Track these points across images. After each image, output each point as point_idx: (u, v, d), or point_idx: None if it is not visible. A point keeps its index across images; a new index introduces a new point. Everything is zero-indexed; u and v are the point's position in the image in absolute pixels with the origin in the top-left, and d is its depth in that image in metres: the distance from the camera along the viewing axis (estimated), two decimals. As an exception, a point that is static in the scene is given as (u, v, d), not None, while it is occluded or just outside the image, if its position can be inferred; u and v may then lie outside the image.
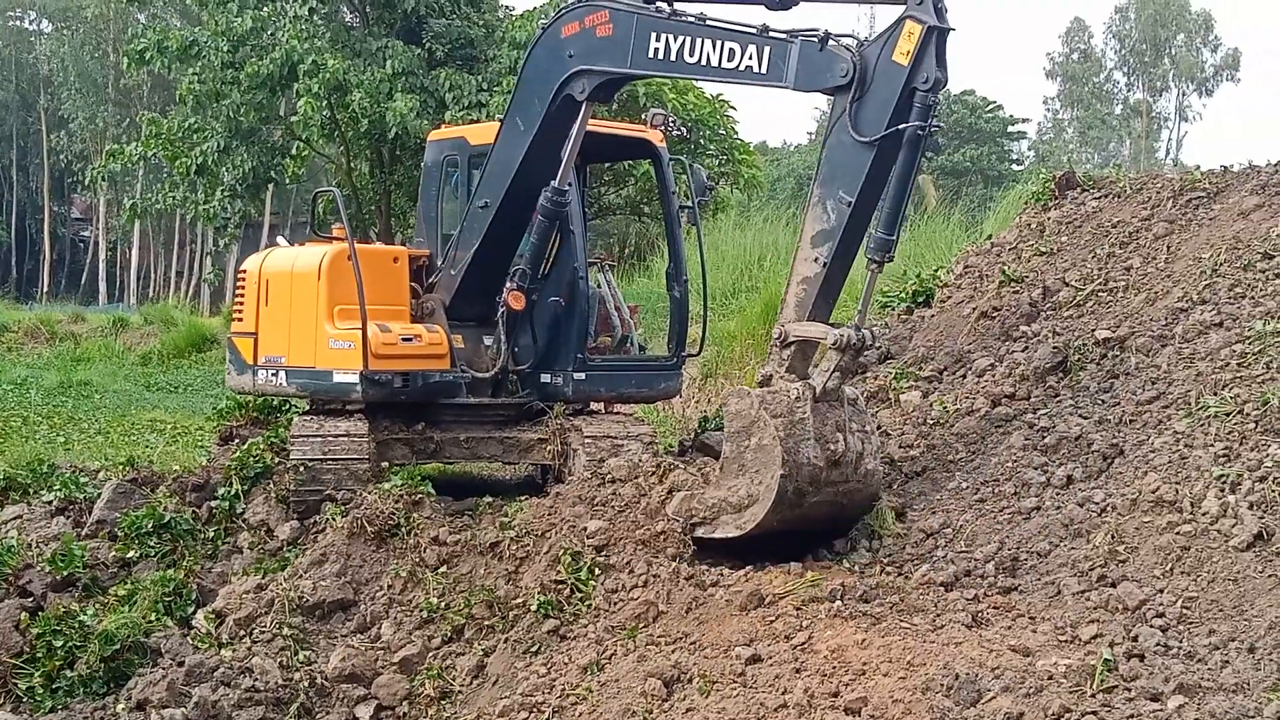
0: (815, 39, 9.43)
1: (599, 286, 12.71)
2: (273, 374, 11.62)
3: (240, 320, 12.15)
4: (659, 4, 10.49)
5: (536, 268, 11.83)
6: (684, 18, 10.32)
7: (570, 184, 11.79)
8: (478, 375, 11.85)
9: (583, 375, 12.06)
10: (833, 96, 9.65)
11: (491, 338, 12.08)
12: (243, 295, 12.15)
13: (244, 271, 12.26)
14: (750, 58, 9.88)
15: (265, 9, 27.38)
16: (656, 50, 10.44)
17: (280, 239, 14.09)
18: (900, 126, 9.17)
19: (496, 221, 11.70)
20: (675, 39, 10.32)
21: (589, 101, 11.17)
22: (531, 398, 12.06)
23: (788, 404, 9.24)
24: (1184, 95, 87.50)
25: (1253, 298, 9.96)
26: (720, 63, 10.10)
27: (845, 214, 9.40)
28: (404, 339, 11.33)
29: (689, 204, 13.19)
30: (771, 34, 9.72)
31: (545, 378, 12.10)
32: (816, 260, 9.50)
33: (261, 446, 11.36)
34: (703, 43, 10.20)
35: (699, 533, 9.38)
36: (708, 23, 10.18)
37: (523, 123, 11.44)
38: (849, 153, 9.43)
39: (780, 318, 9.79)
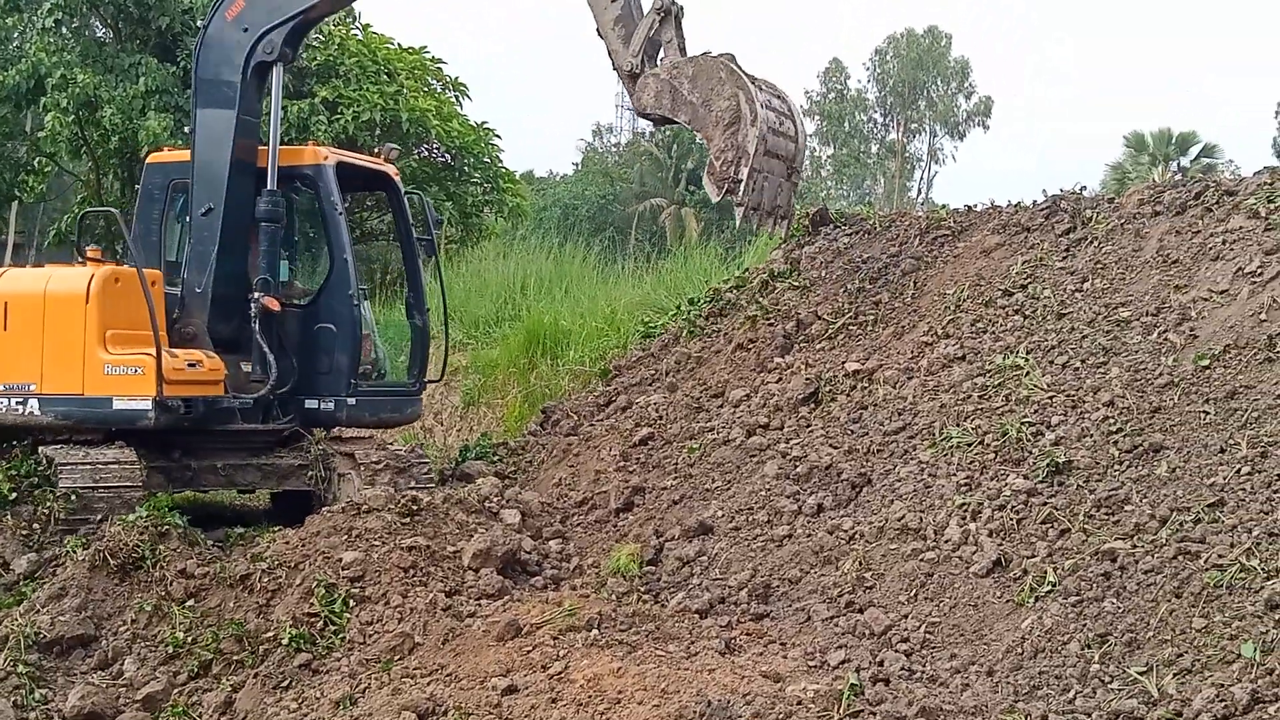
0: None
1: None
2: (16, 402, 11.11)
3: None
4: None
5: (277, 274, 11.94)
6: None
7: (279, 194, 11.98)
8: (255, 398, 11.67)
9: (354, 401, 12.13)
10: None
11: (248, 362, 11.89)
12: None
13: None
14: None
15: (10, 19, 26.27)
16: None
17: None
18: None
19: (226, 223, 11.73)
20: None
21: (280, 62, 11.87)
22: (293, 424, 11.87)
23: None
24: (937, 138, 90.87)
25: (993, 333, 10.35)
26: None
27: None
28: (189, 364, 11.16)
29: (426, 236, 13.67)
30: None
31: (312, 403, 12.01)
32: (615, 2, 12.28)
33: (-2, 477, 10.84)
34: None
35: None
36: None
37: (217, 114, 11.80)
38: None
39: (620, 60, 12.28)
